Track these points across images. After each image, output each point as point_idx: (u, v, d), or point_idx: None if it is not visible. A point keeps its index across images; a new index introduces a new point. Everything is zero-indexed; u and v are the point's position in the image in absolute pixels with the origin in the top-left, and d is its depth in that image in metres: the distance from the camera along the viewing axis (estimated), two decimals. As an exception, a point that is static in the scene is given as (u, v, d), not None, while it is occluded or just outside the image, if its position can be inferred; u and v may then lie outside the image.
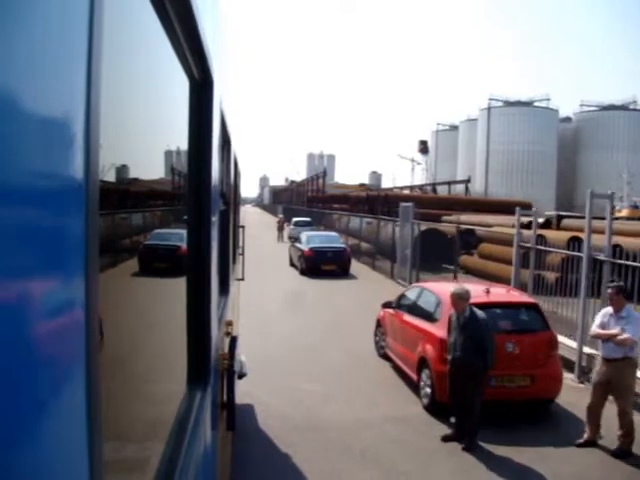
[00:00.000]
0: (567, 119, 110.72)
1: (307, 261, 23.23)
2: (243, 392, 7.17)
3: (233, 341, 3.97)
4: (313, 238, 24.76)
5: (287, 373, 10.44)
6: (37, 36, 0.65)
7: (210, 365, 2.48)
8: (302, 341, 12.65)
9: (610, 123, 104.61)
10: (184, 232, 2.33)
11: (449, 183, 65.02)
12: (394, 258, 22.94)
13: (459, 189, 67.91)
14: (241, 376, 4.76)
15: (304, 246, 23.84)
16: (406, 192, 67.55)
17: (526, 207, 51.07)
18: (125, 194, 1.51)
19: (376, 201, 45.16)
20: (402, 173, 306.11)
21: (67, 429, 0.76)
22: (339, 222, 38.08)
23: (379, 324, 11.92)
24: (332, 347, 12.24)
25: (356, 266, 25.49)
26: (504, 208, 47.12)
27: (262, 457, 7.22)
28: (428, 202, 42.46)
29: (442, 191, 65.32)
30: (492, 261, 25.04)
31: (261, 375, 9.15)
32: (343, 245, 24.87)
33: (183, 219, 2.41)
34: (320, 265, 22.97)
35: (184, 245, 2.30)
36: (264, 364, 9.94)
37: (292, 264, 26.27)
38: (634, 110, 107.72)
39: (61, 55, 0.72)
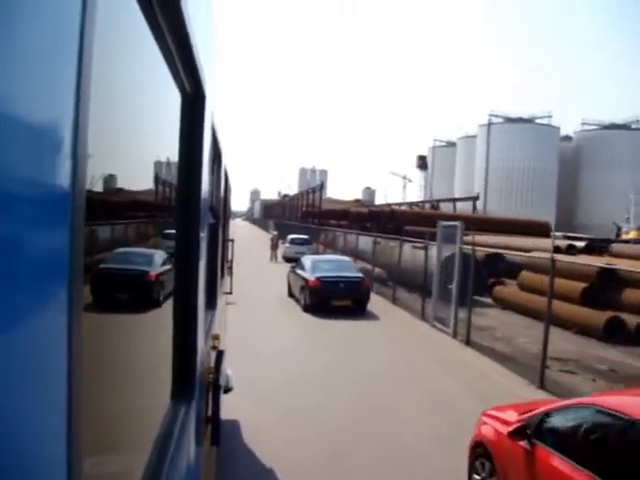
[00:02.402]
0: (567, 138, 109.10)
1: (313, 294, 18.14)
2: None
3: (220, 355, 3.74)
4: (320, 264, 19.69)
5: None
6: (29, 44, 0.67)
7: (195, 379, 2.45)
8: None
9: (612, 142, 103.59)
10: (155, 252, 2.20)
11: (454, 200, 60.59)
12: (425, 291, 18.24)
13: (458, 207, 64.29)
14: (227, 390, 4.68)
15: (309, 274, 18.74)
16: (409, 208, 62.92)
17: (544, 228, 47.24)
18: (113, 205, 1.49)
19: (380, 218, 40.80)
20: (394, 190, 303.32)
21: (46, 442, 0.76)
22: (343, 241, 33.16)
23: (479, 451, 6.47)
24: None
25: (372, 298, 20.58)
26: (518, 228, 43.35)
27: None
28: (433, 219, 38.15)
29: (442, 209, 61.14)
30: (536, 294, 20.62)
31: None
32: (359, 274, 19.61)
33: (172, 232, 2.38)
34: (330, 299, 18.01)
35: (154, 270, 2.08)
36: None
37: (291, 294, 21.20)
38: (636, 129, 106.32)
39: (52, 63, 0.73)
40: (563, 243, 29.24)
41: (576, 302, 18.03)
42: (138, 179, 1.73)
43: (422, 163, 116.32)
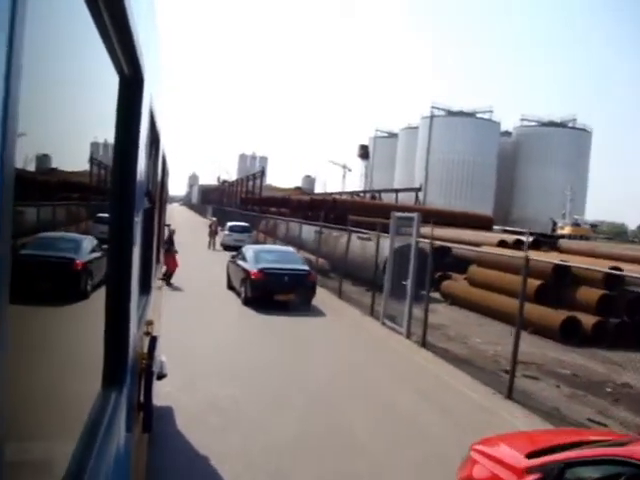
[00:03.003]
0: (507, 133, 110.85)
1: (255, 287, 16.52)
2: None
3: (153, 341, 3.73)
4: (263, 255, 18.09)
5: None
6: None
7: (127, 365, 2.39)
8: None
9: (549, 139, 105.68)
10: (84, 238, 2.07)
11: (397, 191, 59.92)
12: (374, 285, 17.08)
13: (400, 198, 63.79)
14: (161, 377, 4.70)
15: (251, 265, 17.11)
16: (350, 198, 61.89)
17: (486, 222, 46.99)
18: (44, 186, 1.44)
19: (322, 207, 39.63)
20: (333, 179, 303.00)
21: None
22: (285, 230, 31.76)
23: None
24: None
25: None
26: (461, 220, 42.86)
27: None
28: (375, 210, 37.45)
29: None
30: (486, 290, 19.84)
31: None
32: (305, 267, 18.12)
33: (105, 216, 2.31)
34: (273, 293, 16.50)
35: (81, 257, 1.94)
36: None
37: (231, 286, 19.55)
38: (573, 128, 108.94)
39: None
40: (510, 237, 28.74)
41: (530, 300, 17.27)
42: (72, 160, 1.69)
43: (364, 152, 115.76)
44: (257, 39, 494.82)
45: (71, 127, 1.56)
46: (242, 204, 67.72)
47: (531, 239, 30.22)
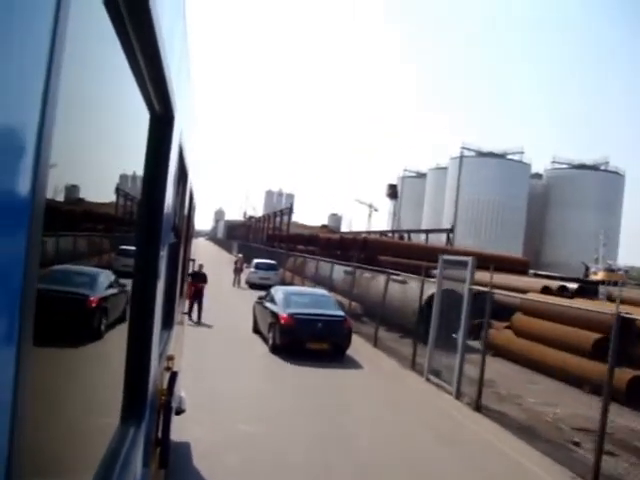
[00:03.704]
0: (537, 175, 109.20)
1: (284, 333, 15.01)
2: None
3: (173, 376, 3.82)
4: (294, 298, 16.51)
5: None
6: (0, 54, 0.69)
7: (146, 400, 2.40)
8: None
9: (580, 182, 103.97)
10: (100, 272, 1.96)
11: (428, 231, 58.37)
12: (414, 334, 15.57)
13: (423, 238, 62.30)
14: (179, 412, 4.73)
15: (280, 309, 15.65)
16: (377, 237, 60.41)
17: (523, 265, 45.18)
18: (74, 216, 1.48)
19: (352, 246, 38.25)
20: (359, 218, 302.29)
21: None
22: (314, 269, 30.31)
23: None
24: None
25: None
26: (496, 264, 40.92)
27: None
28: (407, 251, 36.02)
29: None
30: (533, 340, 18.18)
31: None
32: (340, 312, 16.46)
33: (130, 248, 2.34)
34: (305, 341, 14.93)
35: (96, 293, 1.87)
36: None
37: (257, 330, 18.11)
38: (605, 171, 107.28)
39: (22, 73, 0.75)
40: (553, 284, 27.11)
41: (585, 355, 15.63)
42: (101, 193, 1.72)
43: (392, 192, 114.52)
44: (287, 76, 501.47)
45: (102, 161, 1.62)
46: (268, 241, 66.74)
47: (575, 286, 28.69)
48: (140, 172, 2.20)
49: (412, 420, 10.56)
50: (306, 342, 14.93)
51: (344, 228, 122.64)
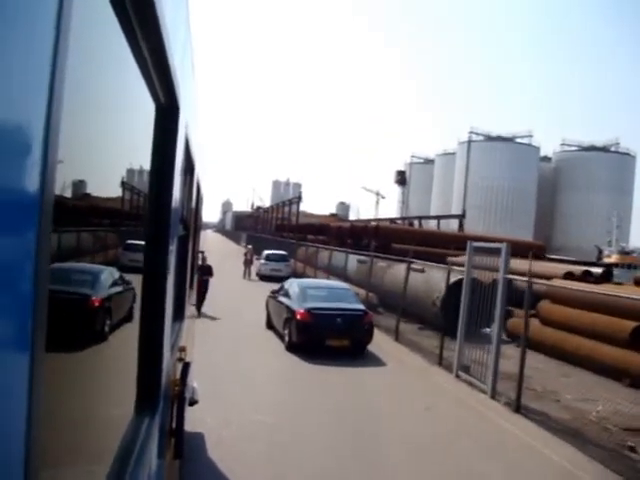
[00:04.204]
0: (546, 158, 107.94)
1: (301, 330, 13.96)
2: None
3: (186, 367, 3.84)
4: (311, 292, 15.35)
5: None
6: (2, 50, 0.68)
7: (160, 391, 2.41)
8: None
9: (590, 164, 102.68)
10: (104, 270, 1.91)
11: (439, 217, 57.13)
12: (442, 327, 14.59)
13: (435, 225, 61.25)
14: (192, 403, 4.70)
15: (296, 304, 14.56)
16: (388, 224, 59.33)
17: (539, 250, 44.10)
18: (82, 212, 1.50)
19: (364, 234, 37.33)
20: (366, 206, 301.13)
21: (2, 452, 0.74)
22: (327, 259, 29.29)
23: None
24: None
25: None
26: (513, 248, 39.88)
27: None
28: (420, 237, 35.01)
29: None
30: (562, 330, 17.18)
31: None
32: (361, 306, 15.26)
33: (139, 243, 2.34)
34: (324, 338, 13.84)
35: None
36: None
37: (271, 326, 17.11)
38: (615, 152, 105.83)
39: (25, 66, 0.74)
40: (576, 269, 26.09)
41: (622, 344, 14.65)
42: (108, 187, 1.72)
43: (401, 178, 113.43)
44: (294, 66, 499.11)
45: (110, 154, 1.62)
46: (277, 231, 65.83)
47: (599, 271, 27.68)
48: (147, 164, 2.20)
49: (448, 426, 9.56)
50: (325, 339, 13.86)
51: (352, 216, 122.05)
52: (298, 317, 14.05)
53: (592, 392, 12.24)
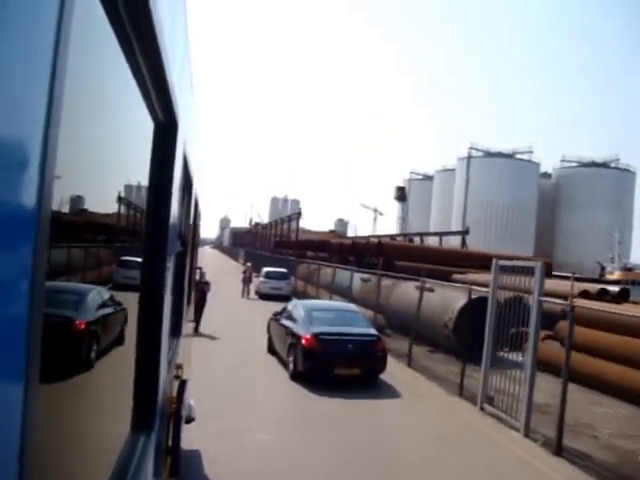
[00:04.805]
0: (546, 175, 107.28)
1: (308, 358, 12.58)
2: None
3: (182, 385, 3.83)
4: (317, 314, 13.91)
5: None
6: (2, 65, 0.68)
7: (156, 409, 2.40)
8: None
9: (591, 180, 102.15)
10: (92, 290, 1.79)
11: (442, 234, 56.05)
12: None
13: (435, 241, 60.18)
14: (189, 421, 4.63)
15: (302, 328, 13.22)
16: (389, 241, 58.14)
17: (546, 267, 42.82)
18: (79, 227, 1.48)
19: (365, 251, 36.11)
20: (364, 223, 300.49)
21: None
22: (329, 278, 27.89)
23: None
24: None
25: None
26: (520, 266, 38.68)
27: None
28: (424, 254, 34.25)
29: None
30: (586, 353, 15.91)
31: None
32: (373, 331, 13.80)
33: (135, 259, 2.35)
34: (333, 367, 12.44)
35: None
36: None
37: (273, 351, 15.73)
38: (615, 168, 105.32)
39: (24, 82, 0.74)
40: (592, 287, 24.89)
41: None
42: (106, 203, 1.72)
43: (401, 194, 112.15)
44: (293, 81, 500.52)
45: (108, 171, 1.61)
46: (276, 247, 64.62)
47: (616, 289, 26.46)
48: (145, 181, 2.19)
49: (484, 475, 8.26)
50: (334, 367, 12.47)
51: (350, 233, 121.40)
52: (304, 343, 12.70)
53: (630, 426, 11.07)
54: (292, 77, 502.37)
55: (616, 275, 75.30)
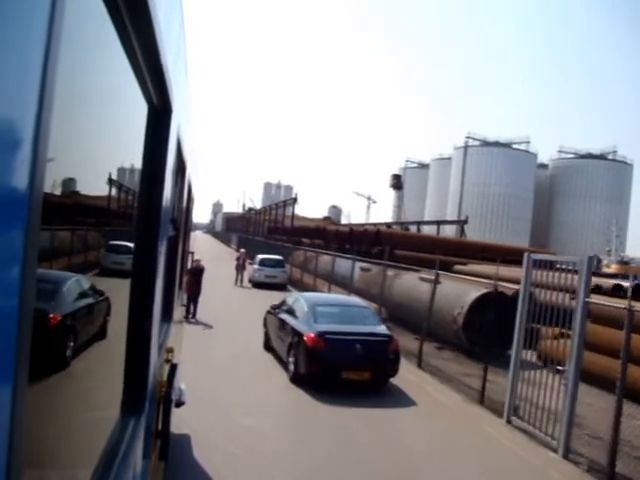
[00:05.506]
0: (543, 165, 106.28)
1: (311, 359, 11.15)
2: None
3: (173, 369, 3.82)
4: (321, 310, 12.34)
5: None
6: None
7: (146, 392, 2.40)
8: None
9: (587, 172, 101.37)
10: (73, 278, 1.67)
11: (439, 223, 54.60)
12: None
13: (430, 230, 58.85)
14: (179, 404, 4.66)
15: (305, 326, 11.80)
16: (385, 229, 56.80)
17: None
18: (71, 210, 1.47)
19: (363, 239, 34.81)
20: (357, 211, 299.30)
21: None
22: (329, 267, 26.40)
23: None
24: None
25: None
26: (518, 257, 37.51)
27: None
28: (423, 243, 33.85)
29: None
30: (605, 354, 14.60)
31: None
32: (384, 329, 12.28)
33: (126, 243, 2.32)
34: (340, 370, 11.01)
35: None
36: None
37: (269, 346, 14.30)
38: (612, 160, 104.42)
39: (17, 65, 0.74)
40: (605, 282, 23.74)
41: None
42: (99, 186, 1.70)
43: (397, 182, 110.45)
44: (287, 68, 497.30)
45: (101, 154, 1.60)
46: (269, 233, 63.08)
47: (632, 284, 25.27)
48: (138, 164, 2.17)
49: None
50: (341, 371, 11.05)
51: (343, 220, 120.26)
52: (307, 343, 11.23)
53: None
54: (287, 63, 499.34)
55: (613, 268, 74.63)
